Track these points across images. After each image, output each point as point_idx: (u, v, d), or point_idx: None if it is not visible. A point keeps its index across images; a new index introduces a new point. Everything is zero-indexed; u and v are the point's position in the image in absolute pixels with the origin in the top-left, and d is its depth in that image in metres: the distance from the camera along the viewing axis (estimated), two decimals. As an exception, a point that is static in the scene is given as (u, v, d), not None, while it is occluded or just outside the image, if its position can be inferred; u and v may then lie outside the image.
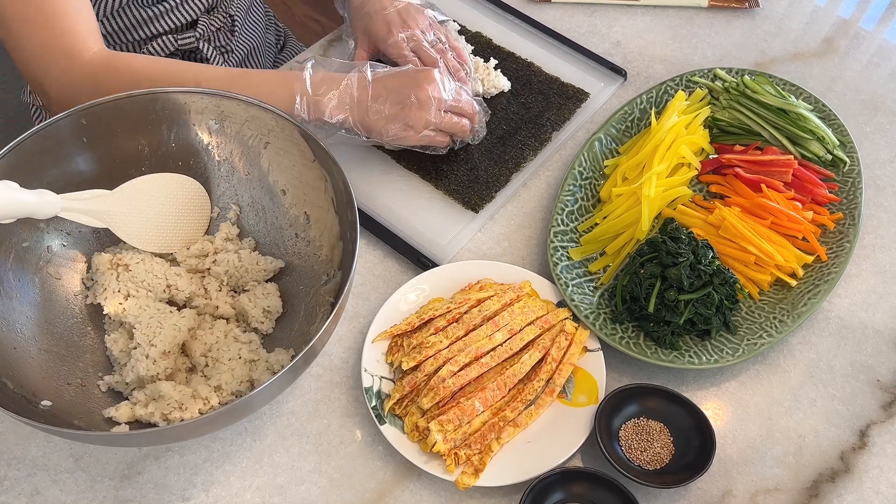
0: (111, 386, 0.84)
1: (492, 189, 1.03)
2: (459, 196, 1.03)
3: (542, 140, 1.08)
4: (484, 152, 1.07)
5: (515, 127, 1.09)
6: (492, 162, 1.06)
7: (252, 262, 0.91)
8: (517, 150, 1.07)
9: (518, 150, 1.07)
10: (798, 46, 1.23)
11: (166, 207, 0.91)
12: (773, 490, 0.84)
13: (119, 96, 0.87)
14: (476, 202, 1.02)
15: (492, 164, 1.05)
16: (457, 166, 1.05)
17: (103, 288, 0.87)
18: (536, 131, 1.09)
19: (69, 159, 0.88)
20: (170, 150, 0.92)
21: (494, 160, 1.06)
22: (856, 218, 0.98)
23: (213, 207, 0.95)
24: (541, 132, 1.09)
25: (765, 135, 1.04)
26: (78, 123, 0.87)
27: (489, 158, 1.06)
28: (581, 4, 1.27)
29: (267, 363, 0.85)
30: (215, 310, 0.89)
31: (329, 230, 0.89)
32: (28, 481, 0.83)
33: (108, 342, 0.86)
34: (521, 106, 1.11)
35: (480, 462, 0.81)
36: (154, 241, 0.90)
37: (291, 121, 0.88)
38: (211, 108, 0.91)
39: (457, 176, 1.04)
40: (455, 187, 1.03)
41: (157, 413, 0.80)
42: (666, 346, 0.89)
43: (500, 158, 1.06)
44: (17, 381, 0.79)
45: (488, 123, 1.07)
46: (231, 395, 0.83)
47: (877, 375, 0.92)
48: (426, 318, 0.90)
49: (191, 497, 0.82)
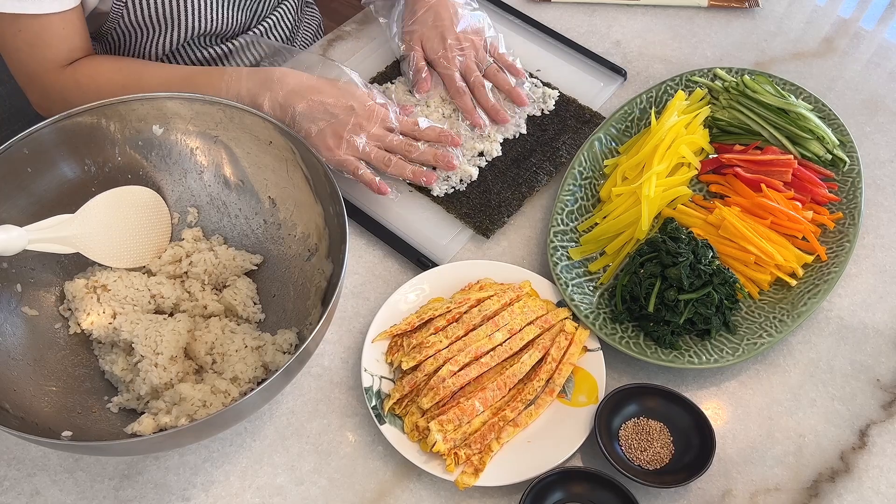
0: (122, 405, 0.84)
1: (503, 214, 1.00)
2: (471, 220, 1.00)
3: (557, 164, 1.05)
4: (497, 174, 1.04)
5: (530, 149, 1.06)
6: (505, 185, 1.03)
7: (229, 258, 0.91)
8: (531, 174, 1.04)
9: (532, 173, 1.04)
10: (798, 46, 1.23)
11: (129, 221, 0.90)
12: (773, 490, 0.84)
13: (59, 117, 0.85)
14: (488, 227, 0.99)
15: (504, 188, 1.02)
16: (469, 189, 1.02)
17: (86, 313, 0.86)
18: (551, 154, 1.06)
19: (19, 190, 0.86)
20: (117, 164, 0.91)
21: (508, 183, 1.03)
22: (856, 218, 0.98)
23: (172, 213, 0.94)
24: (556, 155, 1.06)
25: (765, 134, 1.04)
26: (21, 154, 0.84)
27: (502, 181, 1.03)
28: (581, 4, 1.27)
29: (275, 345, 0.85)
30: (204, 309, 0.89)
31: (299, 207, 0.89)
32: (28, 481, 0.83)
33: (104, 365, 0.86)
34: (537, 128, 1.09)
35: (480, 462, 0.81)
36: (125, 257, 0.89)
37: (240, 107, 0.88)
38: (153, 113, 0.90)
39: (469, 199, 1.02)
40: (467, 211, 1.00)
41: (182, 417, 0.79)
42: (666, 345, 0.89)
43: (513, 181, 1.03)
44: (32, 417, 0.79)
45: (502, 145, 1.06)
46: (248, 382, 0.83)
47: (877, 375, 0.92)
48: (426, 318, 0.90)
49: (191, 497, 0.82)
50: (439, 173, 1.02)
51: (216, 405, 0.80)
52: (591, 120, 1.10)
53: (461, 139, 1.04)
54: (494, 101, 1.08)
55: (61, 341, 0.87)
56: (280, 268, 0.92)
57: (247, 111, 0.88)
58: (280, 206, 0.92)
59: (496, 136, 1.07)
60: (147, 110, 0.89)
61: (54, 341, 0.87)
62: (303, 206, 0.90)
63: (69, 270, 0.90)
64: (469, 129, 1.07)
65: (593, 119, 1.10)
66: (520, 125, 1.08)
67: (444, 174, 1.02)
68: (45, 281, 0.89)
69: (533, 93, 1.11)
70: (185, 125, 0.91)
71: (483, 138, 1.06)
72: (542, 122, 1.10)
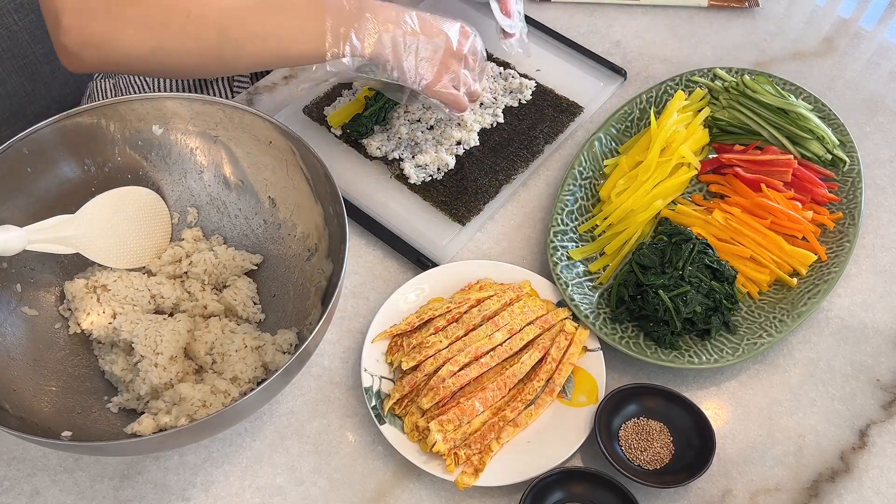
0: (122, 405, 0.84)
1: (480, 201, 1.02)
2: (447, 208, 1.01)
3: (535, 152, 1.07)
4: (474, 163, 1.05)
5: (508, 138, 1.08)
6: (482, 173, 1.04)
7: (229, 258, 0.91)
8: (509, 162, 1.05)
9: (510, 161, 1.06)
10: (798, 46, 1.23)
11: (129, 221, 0.90)
12: (773, 490, 0.84)
13: (59, 117, 0.85)
14: (464, 214, 1.01)
15: (481, 175, 1.04)
16: (446, 178, 1.04)
17: (86, 313, 0.86)
18: (529, 143, 1.07)
19: (19, 190, 0.86)
20: (117, 164, 0.91)
21: (485, 171, 1.05)
22: (856, 218, 0.98)
23: (172, 213, 0.94)
24: (533, 144, 1.07)
25: (764, 134, 1.04)
26: (21, 154, 0.84)
27: (479, 169, 1.05)
28: (581, 4, 1.27)
29: (275, 345, 0.85)
30: (204, 309, 0.89)
31: (299, 207, 0.89)
32: (28, 481, 0.83)
33: (104, 365, 0.86)
34: (515, 117, 1.10)
35: (480, 462, 0.81)
36: (125, 257, 0.89)
37: (240, 107, 0.87)
38: (152, 113, 0.90)
39: (445, 187, 1.03)
40: (443, 199, 1.02)
41: (182, 417, 0.79)
42: (666, 345, 0.89)
43: (490, 169, 1.05)
44: (32, 417, 0.79)
45: (479, 134, 1.07)
46: (248, 382, 0.83)
47: (877, 375, 0.92)
48: (426, 318, 0.90)
49: (190, 497, 0.82)
50: (418, 159, 1.04)
51: (216, 405, 0.80)
52: (568, 109, 1.11)
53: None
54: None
55: (61, 341, 0.87)
56: (280, 268, 0.92)
57: (247, 111, 0.88)
58: (280, 206, 0.92)
59: (473, 125, 1.08)
60: (147, 110, 0.89)
61: (54, 341, 0.87)
62: (303, 206, 0.90)
63: (69, 270, 0.90)
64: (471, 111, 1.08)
65: (570, 108, 1.11)
66: (497, 115, 1.10)
67: (422, 161, 1.04)
68: (45, 281, 0.89)
69: (510, 83, 1.13)
70: (185, 125, 0.91)
71: (461, 127, 1.08)
72: (519, 112, 1.11)
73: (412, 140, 1.06)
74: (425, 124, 1.08)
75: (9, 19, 1.28)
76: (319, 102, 1.11)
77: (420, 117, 1.09)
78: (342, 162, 1.05)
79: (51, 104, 1.39)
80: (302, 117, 1.10)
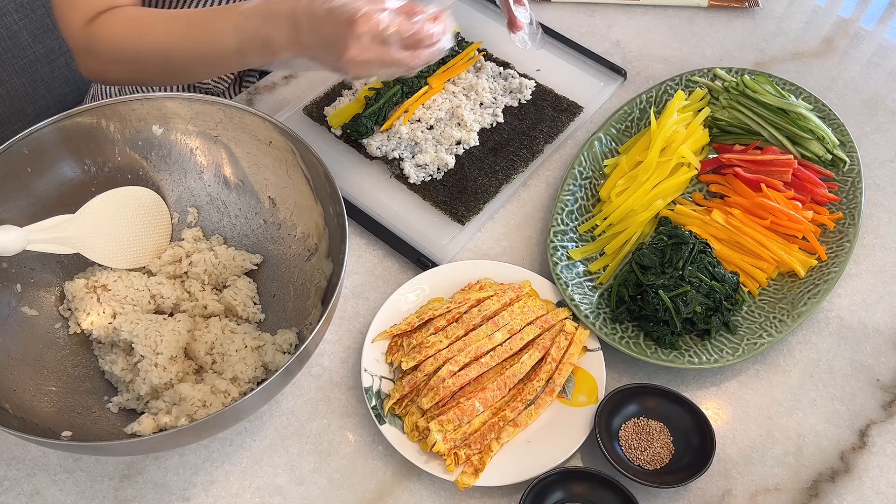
0: (122, 405, 0.84)
1: (480, 201, 1.02)
2: (447, 208, 1.01)
3: (534, 152, 1.07)
4: (474, 162, 1.05)
5: (507, 138, 1.08)
6: (481, 173, 1.04)
7: (229, 258, 0.91)
8: (508, 162, 1.06)
9: (510, 161, 1.06)
10: (798, 46, 1.23)
11: (129, 221, 0.90)
12: (773, 490, 0.84)
13: (59, 117, 0.85)
14: (463, 213, 1.01)
15: (481, 175, 1.04)
16: (445, 177, 1.04)
17: (86, 313, 0.86)
18: (529, 143, 1.07)
19: (19, 190, 0.86)
20: (117, 164, 0.91)
21: (484, 171, 1.05)
22: (856, 217, 0.98)
23: (172, 213, 0.94)
24: (533, 144, 1.07)
25: (765, 134, 1.04)
26: (21, 154, 0.84)
27: (479, 169, 1.05)
28: (581, 4, 1.27)
29: (275, 345, 0.85)
30: (204, 309, 0.89)
31: (299, 207, 0.89)
32: (28, 481, 0.83)
33: (104, 365, 0.86)
34: (514, 117, 1.10)
35: (480, 462, 0.81)
36: (125, 257, 0.89)
37: (240, 107, 0.87)
38: (152, 113, 0.90)
39: (445, 187, 1.03)
40: (443, 198, 1.02)
41: (182, 417, 0.79)
42: (666, 345, 0.89)
43: (490, 169, 1.05)
44: (32, 417, 0.79)
45: (479, 134, 1.07)
46: (248, 382, 0.83)
47: (877, 375, 0.92)
48: (426, 318, 0.90)
49: (190, 497, 0.82)
50: (417, 159, 1.04)
51: (216, 405, 0.80)
52: (568, 109, 1.11)
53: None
54: None
55: (61, 341, 0.87)
56: (280, 268, 0.92)
57: (247, 111, 0.88)
58: (280, 206, 0.92)
59: (473, 125, 1.08)
60: (147, 110, 0.89)
61: (54, 341, 0.87)
62: (303, 206, 0.90)
63: (69, 270, 0.90)
64: (470, 110, 1.08)
65: (570, 108, 1.11)
66: (497, 115, 1.10)
67: (422, 161, 1.04)
68: (45, 281, 0.89)
69: (510, 83, 1.13)
70: (185, 125, 0.91)
71: (460, 127, 1.08)
72: (518, 112, 1.11)
73: (412, 140, 1.06)
74: (425, 124, 1.08)
75: (9, 19, 1.28)
76: (319, 102, 1.12)
77: (420, 117, 1.09)
78: (342, 162, 1.05)
79: (51, 104, 1.39)
80: (302, 117, 1.10)
